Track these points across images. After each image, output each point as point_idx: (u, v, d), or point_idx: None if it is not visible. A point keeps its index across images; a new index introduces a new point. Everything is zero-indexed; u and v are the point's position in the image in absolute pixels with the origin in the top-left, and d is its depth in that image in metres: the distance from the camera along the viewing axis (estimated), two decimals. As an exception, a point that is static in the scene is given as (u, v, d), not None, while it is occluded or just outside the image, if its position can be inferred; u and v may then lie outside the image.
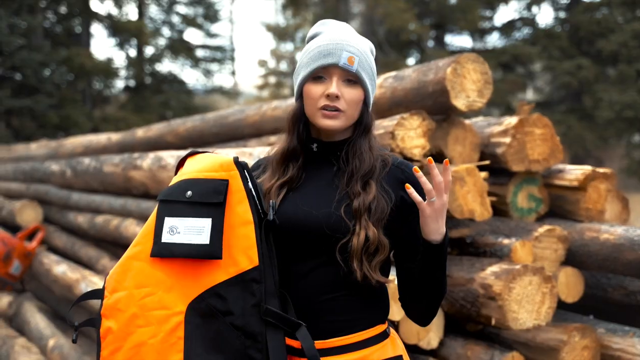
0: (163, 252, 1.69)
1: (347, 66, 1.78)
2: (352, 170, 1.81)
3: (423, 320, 1.92)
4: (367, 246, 1.73)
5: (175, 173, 1.86)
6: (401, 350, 1.88)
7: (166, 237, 1.69)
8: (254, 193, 1.75)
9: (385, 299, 1.89)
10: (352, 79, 1.80)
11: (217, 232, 1.69)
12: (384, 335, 1.84)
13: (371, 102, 1.88)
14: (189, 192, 1.72)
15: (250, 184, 1.75)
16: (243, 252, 1.70)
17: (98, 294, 1.76)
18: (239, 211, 1.72)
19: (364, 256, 1.73)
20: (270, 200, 1.77)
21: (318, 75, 1.81)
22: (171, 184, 1.78)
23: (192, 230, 1.69)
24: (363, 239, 1.72)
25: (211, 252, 1.67)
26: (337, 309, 1.78)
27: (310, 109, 1.83)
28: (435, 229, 1.71)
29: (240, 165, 1.75)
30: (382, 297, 1.88)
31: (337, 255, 1.74)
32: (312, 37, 1.92)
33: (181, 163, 1.86)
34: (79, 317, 5.45)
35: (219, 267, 1.69)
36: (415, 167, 1.74)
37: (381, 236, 1.76)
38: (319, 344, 1.76)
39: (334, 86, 1.78)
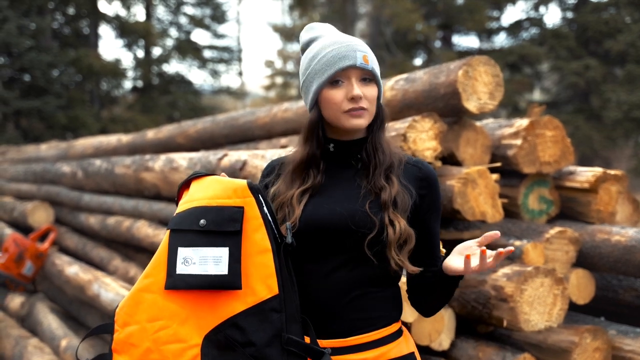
0: (179, 284, 1.65)
1: (364, 65, 1.80)
2: (375, 164, 1.84)
3: (426, 313, 1.99)
4: (400, 236, 1.77)
5: (179, 195, 1.82)
6: (413, 347, 1.92)
7: (181, 269, 1.65)
8: (269, 218, 1.73)
9: (399, 297, 1.93)
10: (368, 77, 1.83)
11: (235, 261, 1.65)
12: (399, 333, 1.88)
13: (382, 94, 1.93)
14: (203, 221, 1.67)
15: (265, 208, 1.72)
16: (262, 280, 1.66)
17: (108, 328, 1.73)
18: (256, 239, 1.68)
19: (396, 247, 1.77)
20: (287, 223, 1.75)
21: (335, 79, 1.82)
22: (180, 210, 1.73)
23: (209, 260, 1.65)
24: (399, 231, 1.76)
25: (230, 282, 1.64)
26: (358, 307, 1.80)
27: (334, 114, 1.83)
28: (458, 272, 1.78)
29: (255, 190, 1.72)
30: (397, 295, 1.91)
31: (366, 250, 1.76)
32: (307, 44, 1.95)
33: (185, 185, 1.81)
34: (92, 319, 5.49)
35: (237, 297, 1.65)
36: (442, 249, 1.87)
37: (408, 227, 1.79)
38: (339, 342, 1.79)
39: (356, 88, 1.80)
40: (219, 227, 1.67)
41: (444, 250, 2.58)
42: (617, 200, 3.69)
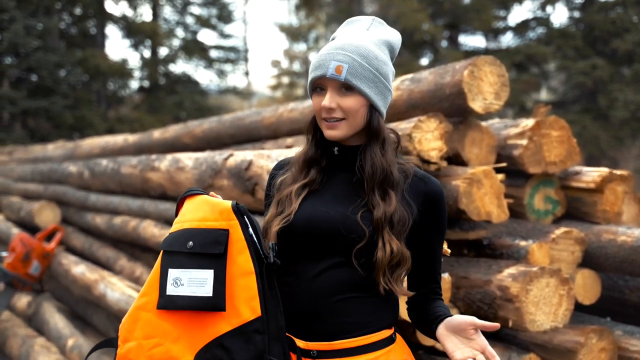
0: (168, 304, 1.71)
1: (334, 76, 1.76)
2: (367, 179, 1.80)
3: (417, 328, 2.01)
4: (391, 259, 1.74)
5: (177, 211, 1.87)
6: (407, 355, 1.89)
7: (171, 289, 1.71)
8: (254, 239, 1.76)
9: (394, 304, 1.91)
10: (347, 87, 1.78)
11: (219, 283, 1.70)
12: (390, 340, 1.84)
13: (381, 104, 1.84)
14: (190, 243, 1.73)
15: (250, 229, 1.76)
16: (245, 302, 1.71)
17: (113, 342, 1.79)
18: (240, 261, 1.73)
19: (388, 268, 1.75)
20: (270, 242, 1.77)
21: (317, 86, 1.82)
22: (172, 230, 1.79)
23: (195, 282, 1.71)
24: (389, 253, 1.74)
25: (214, 304, 1.69)
26: (346, 310, 1.78)
27: (317, 120, 1.86)
28: (446, 352, 1.78)
29: (240, 213, 1.75)
30: (391, 302, 1.88)
31: (353, 259, 1.75)
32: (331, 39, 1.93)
33: (181, 201, 1.87)
34: (98, 318, 5.51)
35: (223, 317, 1.70)
36: (447, 249, 1.83)
37: (403, 249, 1.77)
38: (325, 345, 1.78)
39: (327, 98, 1.78)
40: (205, 249, 1.72)
41: (448, 251, 2.59)
42: (623, 201, 3.68)
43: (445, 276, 2.92)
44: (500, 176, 3.33)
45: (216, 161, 4.14)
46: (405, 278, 1.90)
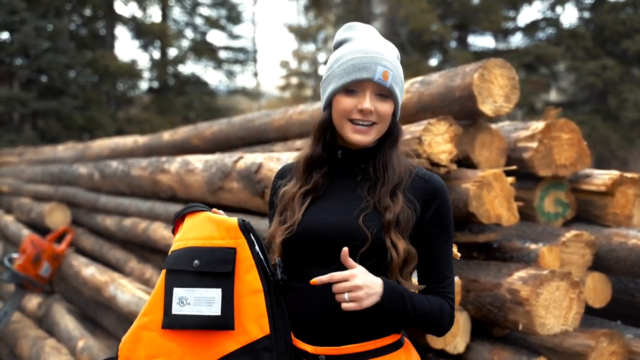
0: (174, 324, 1.70)
1: (381, 81, 1.77)
2: (383, 182, 1.81)
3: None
4: (403, 259, 1.76)
5: (174, 227, 1.86)
6: (414, 359, 1.89)
7: (176, 309, 1.70)
8: (261, 256, 1.76)
9: None
10: (385, 93, 1.80)
11: (227, 302, 1.70)
12: (397, 345, 1.85)
13: (399, 111, 1.88)
14: (196, 262, 1.72)
15: (257, 247, 1.77)
16: (254, 321, 1.72)
17: None
18: (248, 280, 1.73)
19: (398, 266, 1.77)
20: (277, 258, 1.78)
21: (350, 88, 1.80)
22: (175, 248, 1.78)
23: (202, 301, 1.70)
24: (403, 254, 1.75)
25: (223, 323, 1.69)
26: (353, 316, 1.77)
27: (340, 120, 1.83)
28: None
29: (246, 230, 1.77)
30: None
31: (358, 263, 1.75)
32: (340, 43, 1.91)
33: (181, 217, 1.85)
34: (108, 320, 5.53)
35: (230, 336, 1.71)
36: (457, 253, 1.80)
37: (409, 246, 1.79)
38: (333, 349, 1.78)
39: (368, 101, 1.78)
40: (212, 268, 1.72)
41: (458, 254, 2.58)
42: (633, 204, 3.67)
43: (456, 279, 2.91)
44: (510, 179, 3.33)
45: (226, 163, 4.15)
46: (415, 272, 1.92)
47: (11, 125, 18.58)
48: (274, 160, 3.64)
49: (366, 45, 1.82)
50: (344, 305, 1.68)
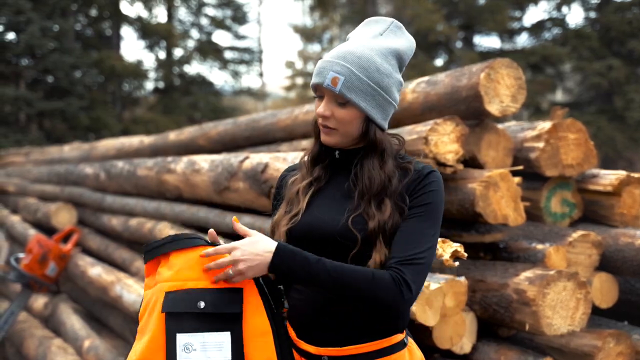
0: None
1: (330, 87, 1.75)
2: (362, 190, 1.78)
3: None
4: (382, 266, 1.73)
5: (148, 258, 1.75)
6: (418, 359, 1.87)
7: (182, 356, 1.61)
8: (265, 290, 1.74)
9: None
10: (340, 100, 1.78)
11: (238, 346, 1.64)
12: (401, 345, 1.83)
13: (380, 116, 1.81)
14: (202, 303, 1.64)
15: (261, 279, 1.74)
16: None
17: None
18: (257, 321, 1.68)
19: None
20: (280, 287, 1.78)
21: (317, 92, 1.83)
22: (168, 289, 1.67)
23: (210, 346, 1.62)
24: (379, 261, 1.72)
25: None
26: (352, 317, 1.78)
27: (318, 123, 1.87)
28: None
29: None
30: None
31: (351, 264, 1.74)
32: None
33: (163, 255, 1.74)
34: (114, 320, 5.54)
35: None
36: (235, 217, 1.77)
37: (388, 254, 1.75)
38: (334, 351, 1.78)
39: (322, 106, 1.79)
40: (220, 309, 1.65)
41: (465, 254, 2.58)
42: (641, 204, 3.67)
43: (462, 279, 2.91)
44: (517, 179, 3.33)
45: (232, 163, 4.15)
46: None
47: (17, 125, 18.62)
48: (280, 160, 3.64)
49: (338, 48, 1.82)
50: (218, 277, 1.67)
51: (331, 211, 1.81)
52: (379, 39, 1.84)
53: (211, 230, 1.79)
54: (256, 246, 1.68)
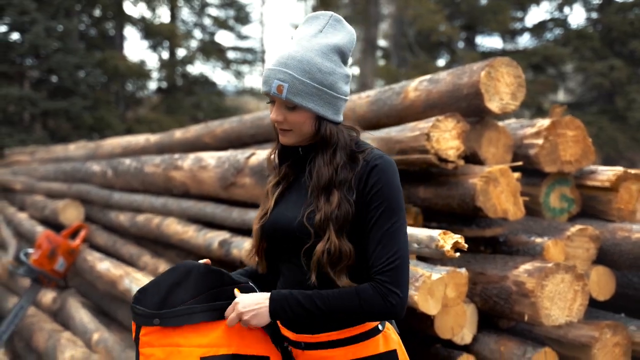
0: None
1: (277, 95, 1.82)
2: (313, 186, 1.86)
3: None
4: (330, 256, 1.79)
5: (173, 326, 1.85)
6: (395, 345, 1.92)
7: None
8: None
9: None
10: (288, 105, 1.85)
11: None
12: (375, 331, 1.89)
13: (330, 112, 1.87)
14: None
15: (289, 349, 1.91)
16: None
17: None
18: None
19: (327, 264, 1.79)
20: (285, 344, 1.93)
21: (268, 98, 1.90)
22: (202, 354, 1.80)
23: None
24: (321, 251, 1.78)
25: None
26: None
27: None
28: None
29: (277, 341, 1.91)
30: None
31: (302, 259, 1.84)
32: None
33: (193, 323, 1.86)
34: (122, 313, 5.62)
35: None
36: (464, 243, 1.86)
37: (343, 244, 1.79)
38: (309, 337, 1.89)
39: (274, 112, 1.88)
40: None
41: (465, 245, 2.65)
42: (637, 199, 3.74)
43: (463, 271, 2.99)
44: (517, 175, 3.41)
45: (238, 160, 4.23)
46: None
47: (22, 125, 18.65)
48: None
49: (278, 54, 1.87)
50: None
51: (294, 208, 1.90)
52: (319, 36, 1.88)
53: (206, 260, 1.95)
54: (255, 297, 1.83)
